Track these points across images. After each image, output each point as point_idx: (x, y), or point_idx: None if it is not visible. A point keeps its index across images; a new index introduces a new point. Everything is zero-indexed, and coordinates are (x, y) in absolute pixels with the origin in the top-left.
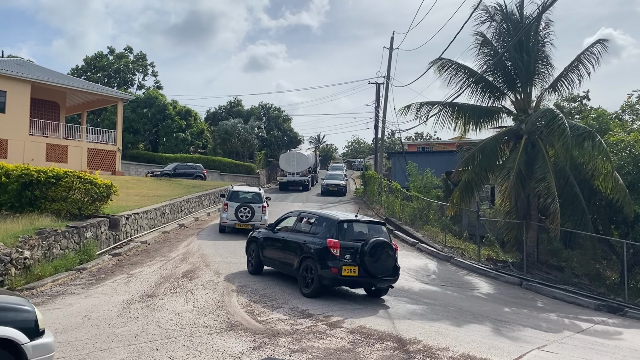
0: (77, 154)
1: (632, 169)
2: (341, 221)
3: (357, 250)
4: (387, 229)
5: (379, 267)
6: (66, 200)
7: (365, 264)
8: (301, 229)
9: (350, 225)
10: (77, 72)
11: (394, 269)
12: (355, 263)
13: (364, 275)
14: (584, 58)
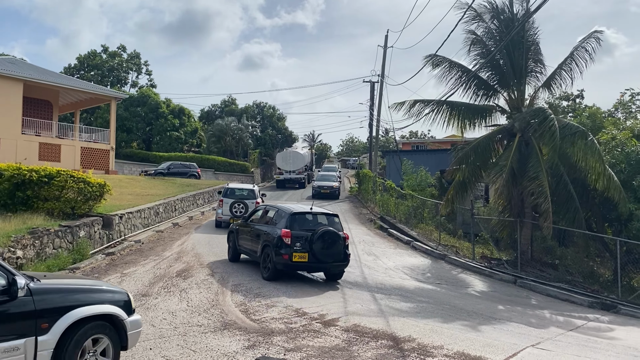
0: (70, 153)
1: (625, 166)
2: (294, 213)
3: (307, 239)
4: (339, 219)
5: (327, 253)
6: (59, 200)
7: (314, 251)
8: (266, 220)
9: (303, 217)
10: (70, 70)
11: (344, 255)
12: (305, 250)
13: (313, 261)
14: (577, 54)
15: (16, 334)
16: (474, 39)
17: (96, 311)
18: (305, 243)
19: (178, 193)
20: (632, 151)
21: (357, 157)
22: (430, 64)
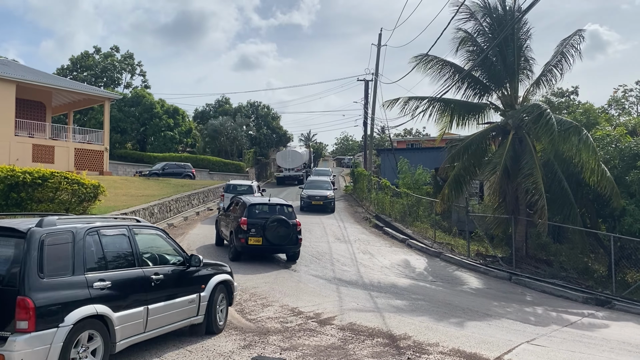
0: (64, 155)
1: (619, 163)
2: (251, 204)
3: (261, 226)
4: (292, 209)
5: (278, 237)
6: (53, 202)
7: (266, 236)
8: (235, 210)
9: (259, 207)
10: (63, 71)
11: (295, 239)
12: (259, 235)
13: (266, 244)
14: (565, 51)
15: (193, 291)
16: (466, 37)
17: (222, 278)
18: (260, 229)
19: (173, 193)
20: (626, 147)
21: (352, 155)
22: (421, 64)
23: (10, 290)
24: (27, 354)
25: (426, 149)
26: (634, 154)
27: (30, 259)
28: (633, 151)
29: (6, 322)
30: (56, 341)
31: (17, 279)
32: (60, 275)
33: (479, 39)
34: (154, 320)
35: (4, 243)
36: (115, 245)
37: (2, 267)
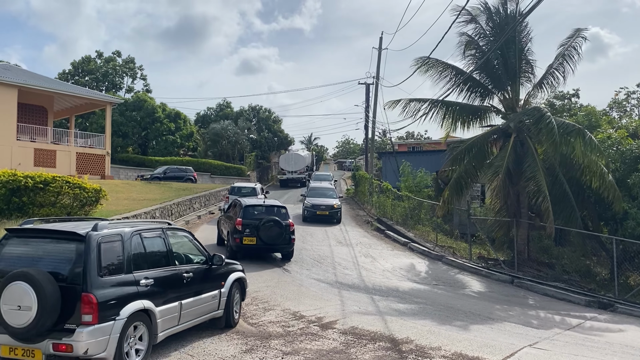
0: (66, 159)
1: (620, 165)
2: (247, 205)
3: (255, 226)
4: (286, 210)
5: (271, 238)
6: (55, 206)
7: (260, 236)
8: (234, 211)
9: (254, 208)
10: (64, 76)
11: (288, 239)
12: (253, 235)
13: (260, 244)
14: (567, 53)
15: (215, 287)
16: (467, 41)
17: (237, 275)
18: (254, 229)
19: (174, 197)
20: (627, 150)
21: (353, 159)
22: (422, 67)
23: (74, 287)
24: (91, 344)
25: (427, 152)
26: (635, 157)
27: (90, 260)
28: (635, 154)
29: (71, 316)
30: (114, 332)
31: (81, 277)
32: (114, 274)
33: (480, 42)
34: (186, 314)
35: (65, 246)
36: (154, 246)
37: (65, 267)
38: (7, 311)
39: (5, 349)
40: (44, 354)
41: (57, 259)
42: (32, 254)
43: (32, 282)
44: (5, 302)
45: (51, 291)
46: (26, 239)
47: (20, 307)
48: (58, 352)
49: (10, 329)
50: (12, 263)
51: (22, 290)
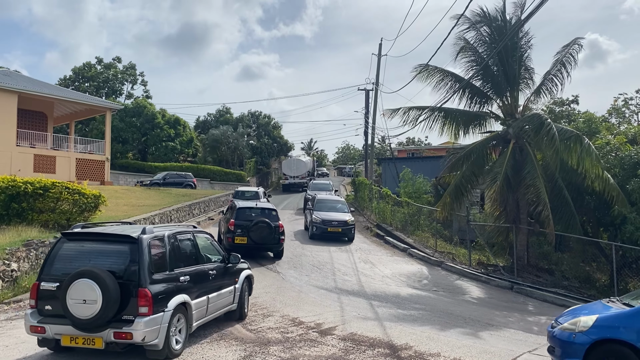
0: (66, 165)
1: (619, 171)
2: (240, 207)
3: (246, 227)
4: (276, 212)
5: (261, 237)
6: (54, 211)
7: (250, 236)
8: (230, 213)
9: (246, 210)
10: (65, 82)
11: (277, 240)
12: (244, 235)
13: (251, 243)
14: (565, 60)
15: (231, 283)
16: (466, 47)
17: (247, 273)
18: (245, 230)
19: (174, 203)
20: (626, 156)
21: (353, 164)
22: (422, 74)
23: (130, 283)
24: (147, 332)
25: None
26: (634, 163)
27: (143, 259)
28: (633, 160)
29: (126, 308)
30: (163, 322)
31: (136, 274)
32: (160, 271)
33: (479, 48)
34: (211, 307)
35: (119, 247)
36: (186, 246)
37: (120, 266)
38: (73, 305)
39: (67, 338)
40: (105, 341)
41: (112, 259)
42: (87, 254)
43: (96, 279)
44: (71, 297)
45: (113, 287)
46: (80, 242)
47: (86, 301)
48: (119, 340)
49: (75, 320)
50: (68, 263)
51: (87, 286)
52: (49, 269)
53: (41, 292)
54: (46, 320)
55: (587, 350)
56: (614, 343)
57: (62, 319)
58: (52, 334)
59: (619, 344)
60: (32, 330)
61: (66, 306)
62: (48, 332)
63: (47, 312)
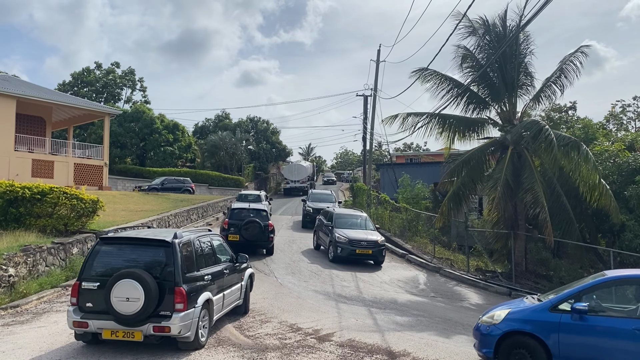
0: (64, 169)
1: (617, 178)
2: (233, 208)
3: (238, 226)
4: (266, 213)
5: (252, 235)
6: (52, 217)
7: (242, 234)
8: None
9: (239, 211)
10: (64, 87)
11: (267, 237)
12: (236, 233)
13: (242, 240)
14: (565, 67)
15: (239, 281)
16: (465, 54)
17: (250, 271)
18: (237, 228)
19: (172, 208)
20: (624, 162)
21: (351, 170)
22: (420, 78)
23: (166, 282)
24: (183, 326)
25: (425, 163)
26: (632, 169)
27: (177, 261)
28: (631, 166)
29: (165, 305)
30: (194, 317)
31: (172, 275)
32: (190, 271)
33: (478, 55)
34: (226, 302)
35: (154, 250)
36: (207, 248)
37: (157, 267)
38: (117, 302)
39: (108, 332)
40: (144, 334)
41: (148, 261)
42: (124, 257)
43: (139, 279)
44: (115, 295)
45: (153, 286)
46: (117, 245)
47: (129, 299)
48: (158, 333)
49: (119, 316)
50: (107, 265)
51: (130, 286)
52: (88, 271)
53: (82, 291)
54: (88, 316)
55: (498, 341)
56: (521, 334)
57: (103, 315)
58: (94, 328)
59: (525, 335)
60: (75, 325)
61: (110, 304)
62: (90, 326)
63: (87, 308)
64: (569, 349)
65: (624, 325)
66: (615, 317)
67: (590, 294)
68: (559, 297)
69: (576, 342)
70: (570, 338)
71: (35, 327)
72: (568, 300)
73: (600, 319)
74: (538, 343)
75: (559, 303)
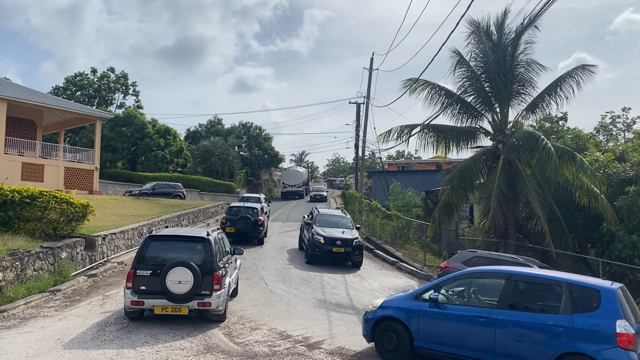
0: (54, 173)
1: (607, 188)
2: (230, 206)
3: (233, 220)
4: (257, 210)
5: (244, 228)
6: (41, 221)
7: (236, 226)
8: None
9: (234, 208)
10: (57, 91)
11: (257, 230)
12: (232, 226)
13: (237, 232)
14: (563, 82)
15: (234, 268)
16: (459, 61)
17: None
18: (232, 222)
19: (162, 214)
20: (614, 173)
21: (343, 177)
22: (412, 88)
23: (205, 268)
24: (219, 302)
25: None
26: (622, 180)
27: (213, 252)
28: (621, 177)
29: (205, 286)
30: (224, 295)
31: (210, 263)
32: (219, 261)
33: (472, 63)
34: (232, 284)
35: (194, 244)
36: (222, 243)
37: (199, 257)
38: (171, 285)
39: (159, 308)
40: (189, 309)
41: (189, 252)
42: (170, 250)
43: (189, 267)
44: (170, 280)
45: (198, 272)
46: (163, 241)
47: (181, 282)
48: (201, 308)
49: (172, 295)
50: (155, 256)
51: (182, 272)
52: (141, 261)
53: (137, 277)
54: (142, 296)
55: (373, 325)
56: (390, 320)
57: (156, 295)
58: (149, 305)
59: (393, 320)
60: (133, 303)
61: (166, 286)
62: (146, 304)
63: (141, 291)
64: (425, 332)
65: (469, 313)
66: (462, 306)
67: (450, 286)
68: (423, 287)
69: (431, 326)
70: (427, 322)
71: (22, 333)
72: (429, 291)
73: (451, 307)
74: (403, 327)
75: (422, 293)
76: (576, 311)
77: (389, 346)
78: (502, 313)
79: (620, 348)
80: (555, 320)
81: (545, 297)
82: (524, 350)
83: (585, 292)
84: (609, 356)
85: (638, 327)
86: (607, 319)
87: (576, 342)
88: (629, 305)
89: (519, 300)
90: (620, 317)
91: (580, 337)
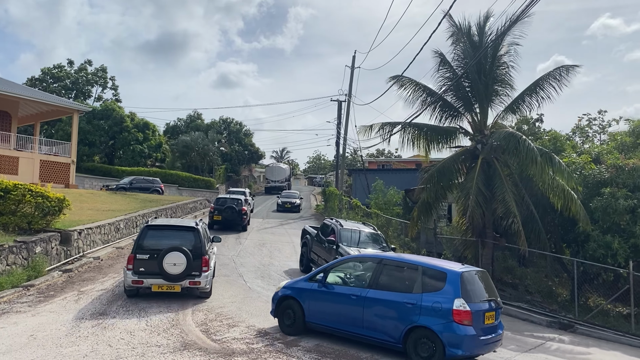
0: (29, 166)
1: (583, 189)
2: (218, 197)
3: (220, 209)
4: (241, 201)
5: (229, 216)
6: (15, 214)
7: (223, 215)
8: None
9: (221, 199)
10: (32, 82)
11: (241, 218)
12: (219, 214)
13: (224, 220)
14: (544, 82)
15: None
16: (441, 61)
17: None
18: (220, 211)
19: (140, 209)
20: (590, 175)
21: (323, 174)
22: (396, 84)
23: (195, 253)
24: (207, 281)
25: (397, 170)
26: (597, 182)
27: (202, 239)
28: (597, 179)
29: (195, 267)
30: (210, 276)
31: (199, 248)
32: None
33: (453, 63)
34: (214, 267)
35: (185, 233)
36: (205, 231)
37: (190, 243)
38: (167, 266)
39: (156, 286)
40: (182, 287)
41: (181, 239)
42: (165, 237)
43: (182, 251)
44: (166, 262)
45: (190, 255)
46: (158, 230)
47: (176, 264)
48: (192, 286)
49: (168, 275)
50: (152, 243)
51: (177, 255)
52: (140, 247)
53: (137, 260)
54: (141, 276)
55: (277, 302)
56: (289, 298)
57: (153, 275)
58: (147, 284)
59: (291, 298)
60: (134, 283)
61: (162, 267)
62: (145, 283)
63: (140, 272)
64: (314, 309)
65: (345, 291)
66: (342, 286)
67: (339, 268)
68: (316, 270)
69: (318, 303)
70: (315, 300)
71: None
72: (320, 274)
73: (336, 287)
74: (298, 304)
75: (315, 275)
76: (425, 290)
77: (287, 321)
78: (370, 292)
79: (455, 322)
80: (408, 299)
81: (405, 278)
82: (383, 324)
83: (435, 274)
84: (444, 329)
85: (484, 306)
86: (448, 297)
87: (422, 317)
88: (486, 287)
89: (385, 281)
90: (458, 297)
91: (425, 313)
